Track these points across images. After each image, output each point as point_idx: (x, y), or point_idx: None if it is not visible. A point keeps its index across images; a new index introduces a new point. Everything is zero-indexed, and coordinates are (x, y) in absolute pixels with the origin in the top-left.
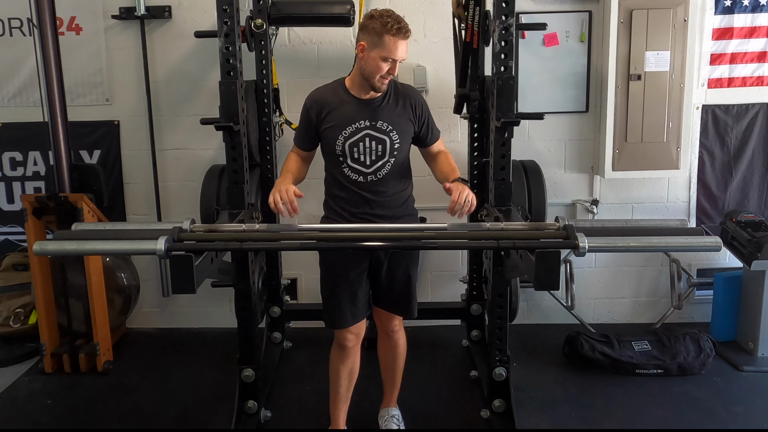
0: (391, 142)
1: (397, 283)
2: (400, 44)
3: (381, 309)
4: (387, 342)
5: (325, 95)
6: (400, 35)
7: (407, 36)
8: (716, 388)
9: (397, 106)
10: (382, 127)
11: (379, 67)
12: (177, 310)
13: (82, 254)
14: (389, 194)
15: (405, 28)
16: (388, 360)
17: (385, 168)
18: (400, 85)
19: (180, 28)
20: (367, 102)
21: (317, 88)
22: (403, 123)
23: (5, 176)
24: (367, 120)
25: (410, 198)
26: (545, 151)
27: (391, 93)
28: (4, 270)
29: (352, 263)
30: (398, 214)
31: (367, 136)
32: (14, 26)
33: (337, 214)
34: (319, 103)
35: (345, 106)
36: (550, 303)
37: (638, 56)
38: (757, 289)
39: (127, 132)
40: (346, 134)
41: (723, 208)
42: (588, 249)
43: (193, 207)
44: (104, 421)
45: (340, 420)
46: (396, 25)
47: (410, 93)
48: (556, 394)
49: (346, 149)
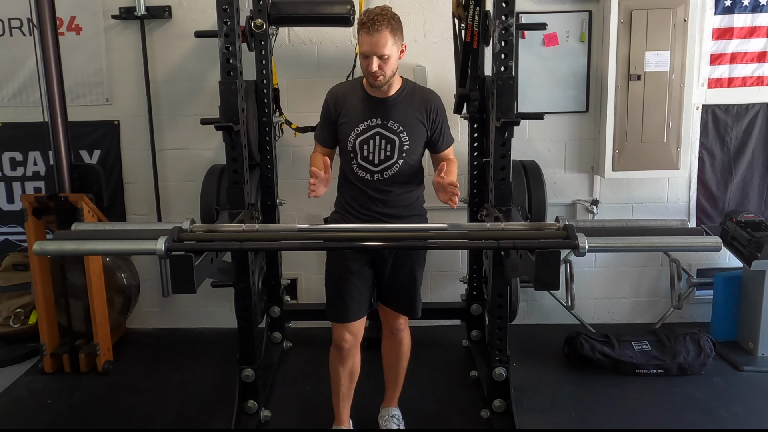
0: (400, 143)
1: (401, 281)
2: (370, 39)
3: (386, 307)
4: (391, 340)
5: (344, 91)
6: (366, 30)
7: (378, 29)
8: (716, 388)
9: (411, 107)
10: (393, 126)
11: (362, 64)
12: (177, 310)
13: (82, 254)
14: (395, 194)
15: (375, 21)
16: (392, 359)
17: (392, 168)
18: (419, 88)
19: (180, 28)
20: (381, 100)
21: (338, 83)
22: (414, 125)
23: (5, 176)
24: (379, 118)
25: (419, 199)
26: (545, 151)
27: (407, 94)
28: (4, 270)
29: (356, 258)
30: (404, 213)
31: (378, 134)
32: (14, 26)
33: (345, 210)
34: (337, 98)
35: (360, 103)
36: (550, 303)
37: (638, 56)
38: (757, 289)
39: (127, 132)
40: (358, 131)
41: (723, 208)
42: (588, 249)
43: (193, 207)
44: (104, 421)
45: (344, 416)
46: (367, 21)
47: (427, 97)
48: (556, 394)
49: (356, 146)
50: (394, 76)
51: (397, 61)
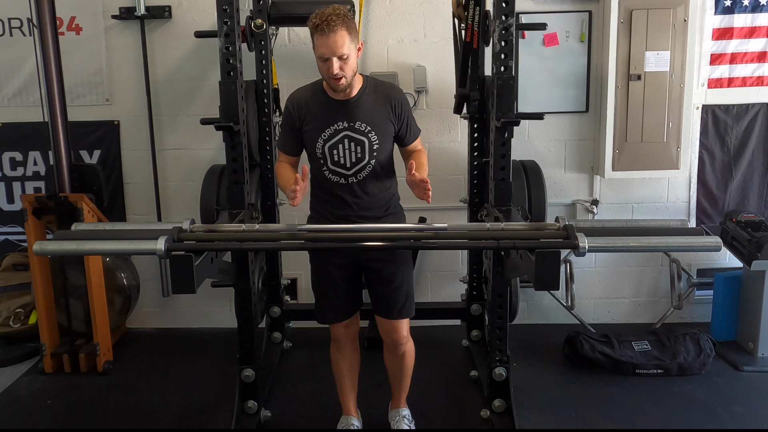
0: (369, 143)
1: (388, 284)
2: (327, 40)
3: (382, 317)
4: (394, 354)
5: (305, 96)
6: (321, 32)
7: (333, 31)
8: (716, 388)
9: (375, 105)
10: (360, 127)
11: (321, 69)
12: (177, 310)
13: (82, 254)
14: (371, 195)
15: (330, 21)
16: (395, 369)
17: (365, 170)
18: (380, 84)
19: (180, 28)
20: (343, 102)
21: (297, 89)
22: (382, 122)
23: (5, 176)
24: (345, 121)
25: (394, 197)
26: (545, 151)
27: (369, 92)
28: (4, 270)
29: (338, 262)
30: (380, 214)
31: (346, 137)
32: (14, 26)
33: (322, 215)
34: (299, 105)
35: (323, 108)
36: (550, 303)
37: (638, 56)
38: (757, 289)
39: (127, 132)
40: (325, 136)
41: (723, 208)
42: (588, 249)
43: (193, 207)
44: (104, 421)
45: (351, 406)
46: (319, 23)
47: (390, 92)
48: (556, 394)
49: (326, 152)
50: (354, 75)
51: (356, 60)
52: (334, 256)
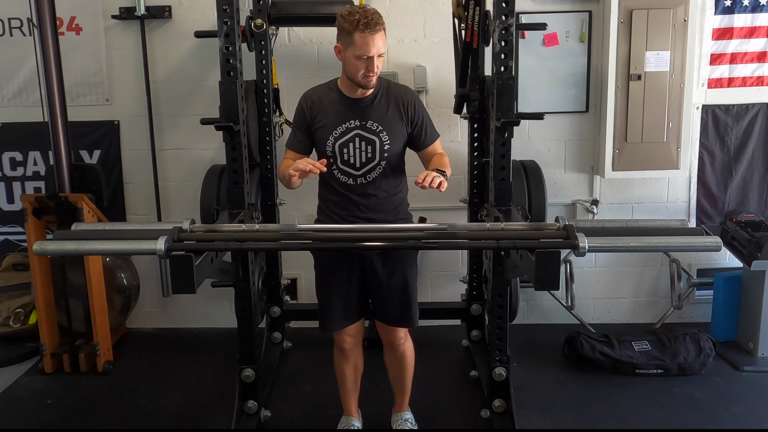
0: (380, 143)
1: (393, 288)
2: (371, 40)
3: (382, 323)
4: (393, 354)
5: (319, 94)
6: (368, 31)
7: (378, 29)
8: (716, 388)
9: (389, 106)
10: (372, 127)
11: (356, 67)
12: (177, 310)
13: (82, 254)
14: (380, 198)
15: (374, 21)
16: (396, 370)
17: (375, 171)
18: (394, 85)
19: (180, 28)
20: (357, 101)
21: (311, 87)
22: (394, 124)
23: (5, 176)
24: (357, 119)
25: (403, 202)
26: (545, 151)
27: (383, 92)
28: (4, 270)
29: (343, 268)
30: (389, 218)
31: (357, 136)
32: (14, 26)
33: (328, 217)
34: (313, 102)
35: (336, 106)
36: (550, 303)
37: (638, 56)
38: (757, 289)
39: (127, 132)
40: (337, 134)
41: (723, 208)
42: (588, 249)
43: (193, 207)
44: (104, 421)
45: (352, 407)
46: (364, 21)
47: (403, 93)
48: (556, 394)
49: (336, 150)
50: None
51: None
52: (338, 262)
